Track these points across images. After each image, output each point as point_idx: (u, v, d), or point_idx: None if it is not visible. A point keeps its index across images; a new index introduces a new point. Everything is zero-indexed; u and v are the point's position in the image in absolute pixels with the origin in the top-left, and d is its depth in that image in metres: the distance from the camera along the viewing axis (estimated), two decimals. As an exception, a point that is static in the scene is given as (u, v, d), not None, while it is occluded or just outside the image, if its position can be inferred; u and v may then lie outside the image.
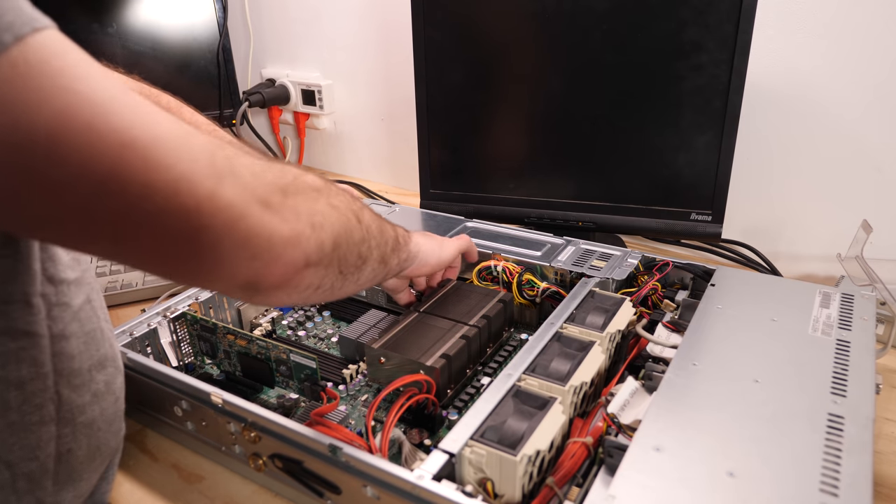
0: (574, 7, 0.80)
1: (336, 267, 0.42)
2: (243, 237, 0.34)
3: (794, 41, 0.84)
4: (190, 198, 0.32)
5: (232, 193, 0.33)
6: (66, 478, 0.46)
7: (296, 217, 0.37)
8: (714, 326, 0.58)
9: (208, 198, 0.32)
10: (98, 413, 0.48)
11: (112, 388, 0.50)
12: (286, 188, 0.38)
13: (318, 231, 0.39)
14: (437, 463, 0.44)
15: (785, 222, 0.94)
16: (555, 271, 0.72)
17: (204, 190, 0.32)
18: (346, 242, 0.43)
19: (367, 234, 0.46)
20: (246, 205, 0.34)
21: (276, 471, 0.52)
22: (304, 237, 0.38)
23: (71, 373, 0.45)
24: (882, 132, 0.83)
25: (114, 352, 0.51)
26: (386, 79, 1.25)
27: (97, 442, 0.49)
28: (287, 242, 0.37)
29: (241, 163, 0.35)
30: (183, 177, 0.32)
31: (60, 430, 0.45)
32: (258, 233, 0.35)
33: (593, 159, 0.86)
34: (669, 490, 0.40)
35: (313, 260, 0.39)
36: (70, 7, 1.09)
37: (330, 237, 0.40)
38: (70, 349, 0.45)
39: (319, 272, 0.41)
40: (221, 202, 0.33)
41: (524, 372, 0.53)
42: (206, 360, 0.68)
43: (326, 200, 0.42)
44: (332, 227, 0.41)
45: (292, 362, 0.61)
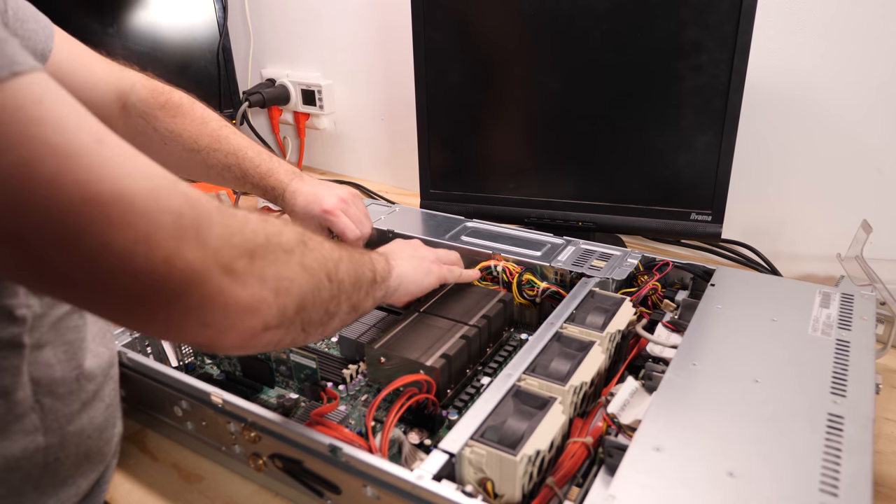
0: (574, 7, 0.80)
1: (299, 326, 0.41)
2: (197, 304, 0.33)
3: (794, 41, 0.84)
4: (146, 260, 0.31)
5: (192, 258, 0.32)
6: (50, 484, 0.46)
7: (259, 284, 0.36)
8: (714, 326, 0.58)
9: (164, 261, 0.31)
10: (87, 421, 0.48)
11: (101, 395, 0.50)
12: (254, 252, 0.36)
13: (282, 297, 0.38)
14: (437, 463, 0.44)
15: (785, 222, 0.94)
16: (555, 271, 0.72)
17: (162, 252, 0.31)
18: (312, 303, 0.41)
19: (337, 291, 0.45)
20: (204, 271, 0.33)
21: (276, 471, 0.52)
22: (265, 304, 0.37)
23: (53, 382, 0.45)
24: (882, 132, 0.83)
25: (105, 360, 0.51)
26: (386, 79, 1.25)
27: (86, 450, 0.48)
28: (245, 310, 0.35)
29: (211, 223, 0.34)
30: (142, 238, 0.31)
31: (48, 441, 0.44)
32: (213, 301, 0.34)
33: (593, 159, 0.86)
34: (669, 490, 0.40)
35: (272, 325, 0.38)
36: (70, 7, 1.09)
37: (295, 301, 0.39)
38: (46, 358, 0.44)
39: (279, 333, 0.39)
40: (178, 266, 0.32)
41: (524, 372, 0.53)
42: (206, 360, 0.68)
43: (299, 261, 0.40)
44: (299, 290, 0.39)
45: (292, 362, 0.61)
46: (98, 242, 0.30)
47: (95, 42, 1.11)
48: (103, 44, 1.11)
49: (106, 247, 0.30)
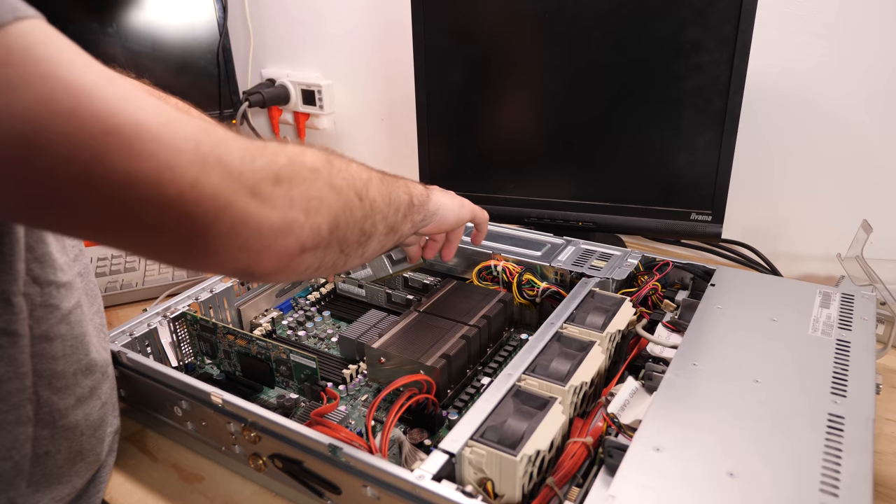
0: (574, 7, 0.80)
1: (336, 247, 0.41)
2: (229, 227, 0.33)
3: (795, 41, 0.84)
4: (173, 186, 0.31)
5: (217, 182, 0.33)
6: (42, 479, 0.46)
7: (288, 204, 0.36)
8: (714, 326, 0.58)
9: (191, 187, 0.32)
10: (81, 417, 0.48)
11: (98, 393, 0.50)
12: (278, 174, 0.36)
13: (313, 216, 0.38)
14: (437, 463, 0.44)
15: (785, 222, 0.94)
16: (555, 271, 0.72)
17: (187, 179, 0.32)
18: (345, 223, 0.41)
19: (370, 210, 0.45)
20: (232, 194, 0.33)
21: (276, 471, 0.52)
22: (297, 225, 0.37)
23: (53, 375, 0.45)
24: (882, 132, 0.83)
25: (103, 357, 0.51)
26: (386, 79, 1.25)
27: (79, 447, 0.48)
28: (278, 231, 0.36)
29: (231, 148, 0.34)
30: (166, 165, 0.31)
31: (38, 432, 0.44)
32: (245, 223, 0.34)
33: (593, 159, 0.86)
34: (669, 490, 0.40)
35: (309, 245, 0.38)
36: (70, 7, 1.09)
37: (327, 220, 0.39)
38: (53, 351, 0.44)
39: (318, 255, 0.39)
40: (205, 191, 0.32)
41: (524, 372, 0.53)
42: (206, 360, 0.68)
43: (326, 181, 0.40)
44: (329, 209, 0.39)
45: (292, 362, 0.61)
46: (124, 173, 0.30)
47: (95, 42, 1.12)
48: (103, 44, 1.11)
49: (132, 177, 0.30)
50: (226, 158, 0.34)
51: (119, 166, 0.30)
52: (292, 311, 0.79)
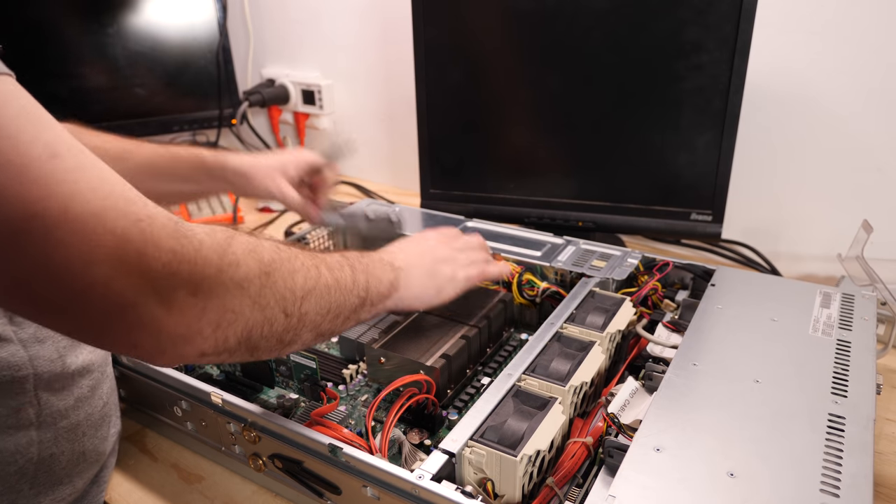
0: (574, 7, 0.80)
1: (245, 351, 0.40)
2: (128, 326, 0.33)
3: (794, 41, 0.84)
4: (82, 279, 0.31)
5: (127, 283, 0.32)
6: (46, 481, 0.46)
7: (198, 316, 0.35)
8: (714, 326, 0.58)
9: (102, 283, 0.31)
10: (83, 418, 0.48)
11: (98, 393, 0.50)
12: (199, 285, 0.35)
13: (222, 329, 0.37)
14: (437, 463, 0.44)
15: (785, 222, 0.94)
16: (555, 271, 0.72)
17: (99, 275, 0.31)
18: (259, 335, 0.40)
19: (297, 324, 0.43)
20: (139, 296, 0.33)
21: (276, 471, 0.52)
22: (200, 337, 0.36)
23: (52, 377, 0.45)
24: (882, 132, 0.83)
25: (100, 357, 0.51)
26: (386, 79, 1.25)
27: (82, 447, 0.48)
28: (178, 339, 0.35)
29: (158, 250, 0.33)
30: (81, 259, 0.30)
31: (42, 435, 0.45)
32: (146, 327, 0.33)
33: (593, 159, 0.86)
34: (669, 490, 0.40)
35: (209, 352, 0.37)
36: (71, 7, 1.09)
37: (237, 334, 0.38)
38: (47, 352, 0.44)
39: (222, 357, 0.39)
40: (114, 289, 0.32)
41: (524, 372, 0.53)
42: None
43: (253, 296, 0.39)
44: (244, 323, 0.38)
45: (292, 362, 0.61)
46: (40, 257, 0.30)
47: (95, 42, 1.12)
48: (103, 44, 1.11)
49: (47, 262, 0.30)
50: (148, 260, 0.33)
51: (35, 252, 0.30)
52: (292, 311, 0.78)
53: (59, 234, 0.30)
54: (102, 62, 1.12)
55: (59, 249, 0.30)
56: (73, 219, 0.30)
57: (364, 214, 0.82)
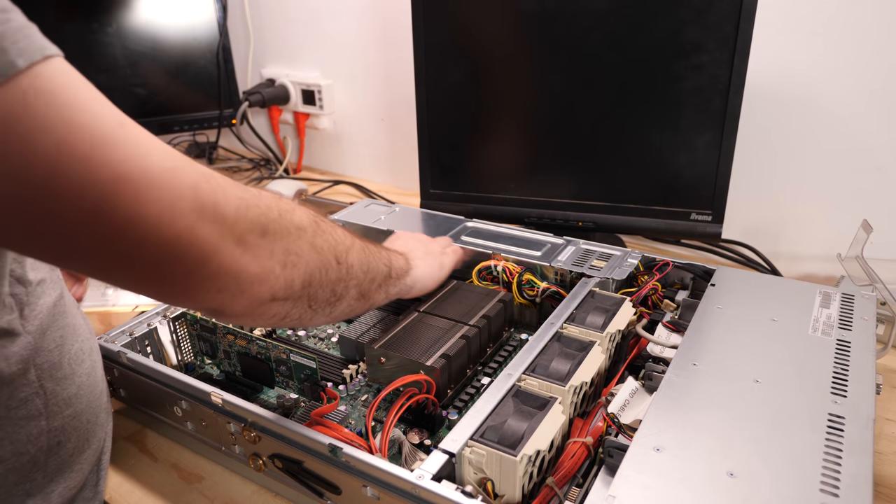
0: (574, 7, 0.80)
1: (305, 302, 0.44)
2: (213, 272, 0.36)
3: (794, 40, 0.84)
4: (171, 230, 0.33)
5: (210, 229, 0.35)
6: (56, 469, 0.47)
7: (268, 255, 0.39)
8: (714, 326, 0.58)
9: (187, 231, 0.34)
10: (85, 405, 0.49)
11: (94, 380, 0.51)
12: (267, 226, 0.39)
13: (289, 270, 0.41)
14: (437, 463, 0.44)
15: (785, 222, 0.94)
16: (555, 271, 0.72)
17: (184, 224, 0.34)
18: (319, 281, 0.44)
19: (346, 275, 0.47)
20: (221, 241, 0.36)
21: (276, 471, 0.52)
22: (272, 275, 0.39)
23: (52, 366, 0.46)
24: (882, 132, 0.83)
25: (90, 345, 0.52)
26: (386, 79, 1.25)
27: (86, 434, 0.50)
28: (254, 279, 0.38)
29: (228, 197, 0.37)
30: (167, 210, 0.33)
31: (50, 424, 0.46)
32: (228, 269, 0.36)
33: (593, 159, 0.86)
34: (669, 490, 0.40)
35: (280, 296, 0.41)
36: (70, 7, 1.09)
37: (301, 276, 0.42)
38: (47, 343, 0.46)
39: (286, 306, 0.42)
40: (198, 237, 0.34)
41: (524, 372, 0.53)
42: (206, 360, 0.68)
43: (309, 240, 0.43)
44: (306, 266, 0.42)
45: (292, 362, 0.61)
46: (128, 216, 0.32)
47: (95, 42, 1.12)
48: (103, 44, 1.11)
49: (135, 220, 0.32)
50: (222, 206, 0.36)
51: (124, 210, 0.32)
52: (292, 311, 0.78)
53: (144, 191, 0.32)
54: (102, 62, 1.12)
55: (147, 205, 0.32)
56: (154, 176, 0.33)
57: None
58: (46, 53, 0.30)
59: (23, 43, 0.29)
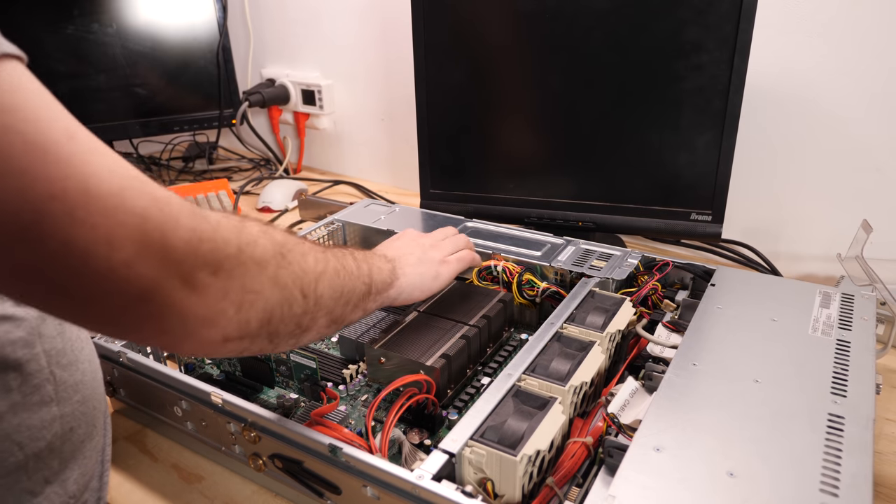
0: (574, 7, 0.80)
1: (265, 338, 0.40)
2: (154, 311, 0.33)
3: (794, 41, 0.84)
4: (106, 261, 0.30)
5: (152, 265, 0.32)
6: (70, 455, 0.47)
7: (221, 297, 0.35)
8: (714, 326, 0.58)
9: (125, 265, 0.31)
10: (90, 392, 0.49)
11: (94, 366, 0.51)
12: (220, 264, 0.35)
13: (244, 311, 0.37)
14: (437, 463, 0.44)
15: (785, 222, 0.94)
16: (555, 271, 0.72)
17: (123, 256, 0.30)
18: (280, 318, 0.40)
19: (313, 306, 0.43)
20: (164, 279, 0.32)
21: (276, 471, 0.52)
22: (224, 317, 0.36)
23: (57, 352, 0.46)
24: (882, 132, 0.83)
25: (86, 333, 0.52)
26: (386, 79, 1.25)
27: (93, 420, 0.50)
28: (202, 322, 0.35)
29: (177, 228, 0.33)
30: (105, 239, 0.30)
31: (62, 410, 0.46)
32: (171, 310, 0.33)
33: (593, 159, 0.86)
34: (669, 490, 0.40)
35: (233, 336, 0.37)
36: (70, 7, 1.09)
37: (259, 315, 0.38)
38: (49, 330, 0.46)
39: (243, 343, 0.39)
40: (137, 272, 0.31)
41: (524, 372, 0.53)
42: (206, 361, 0.68)
43: (270, 275, 0.39)
44: (265, 303, 0.38)
45: (292, 362, 0.61)
46: (61, 240, 0.29)
47: (95, 42, 1.12)
48: (103, 44, 1.11)
49: (68, 245, 0.29)
50: (170, 239, 0.32)
51: (57, 234, 0.29)
52: (292, 311, 0.79)
53: (81, 214, 0.29)
54: (102, 62, 1.12)
55: (82, 230, 0.29)
56: (94, 197, 0.30)
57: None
58: (3, 50, 0.28)
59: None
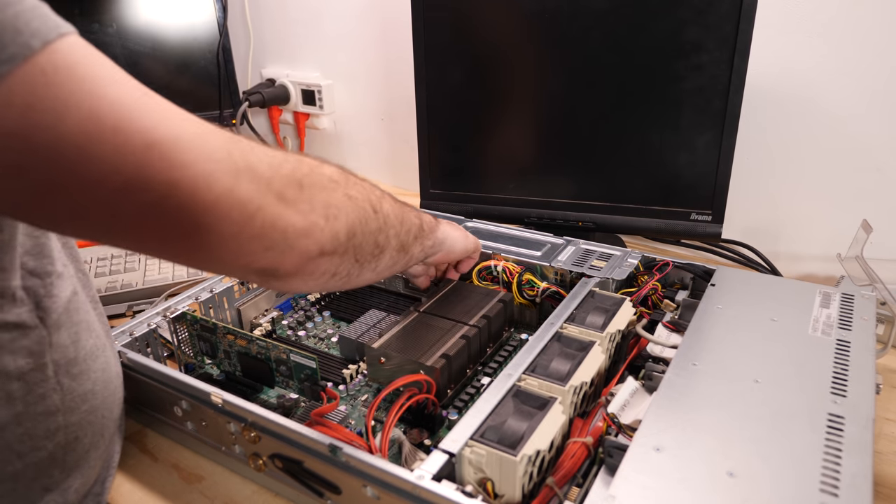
0: (574, 7, 0.80)
1: (352, 255, 0.43)
2: (259, 229, 0.36)
3: (794, 41, 0.84)
4: (210, 193, 0.33)
5: (248, 188, 0.35)
6: (73, 465, 0.47)
7: (310, 209, 0.39)
8: (714, 326, 0.58)
9: (227, 192, 0.34)
10: (100, 402, 0.49)
11: (109, 375, 0.51)
12: (302, 180, 0.39)
13: (332, 222, 0.40)
14: (437, 463, 0.44)
15: (785, 222, 0.94)
16: (555, 271, 0.72)
17: (222, 185, 0.34)
18: (361, 232, 0.44)
19: (384, 224, 0.47)
20: (262, 198, 0.36)
21: (276, 471, 0.52)
22: (318, 228, 0.39)
23: (68, 362, 0.46)
24: (882, 132, 0.83)
25: (104, 342, 0.52)
26: (386, 79, 1.25)
27: (101, 429, 0.50)
28: (301, 233, 0.38)
29: (258, 156, 0.37)
30: (203, 173, 0.33)
31: (67, 420, 0.46)
32: (273, 225, 0.36)
33: (593, 159, 0.86)
34: (669, 490, 0.40)
35: (328, 249, 0.40)
36: (70, 7, 1.09)
37: (344, 227, 0.42)
38: (62, 339, 0.45)
39: (335, 260, 0.42)
40: (239, 197, 0.34)
41: (524, 372, 0.53)
42: (206, 360, 0.68)
43: (343, 191, 0.43)
44: (347, 217, 0.42)
45: (292, 362, 0.61)
46: (165, 182, 0.32)
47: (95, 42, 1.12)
48: (103, 44, 1.11)
49: (173, 185, 0.32)
50: (255, 165, 0.36)
51: (160, 176, 0.32)
52: (292, 311, 0.79)
53: (178, 156, 0.32)
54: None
55: (182, 169, 0.32)
56: (184, 141, 0.33)
57: None
58: (61, 31, 0.30)
59: (36, 23, 0.30)
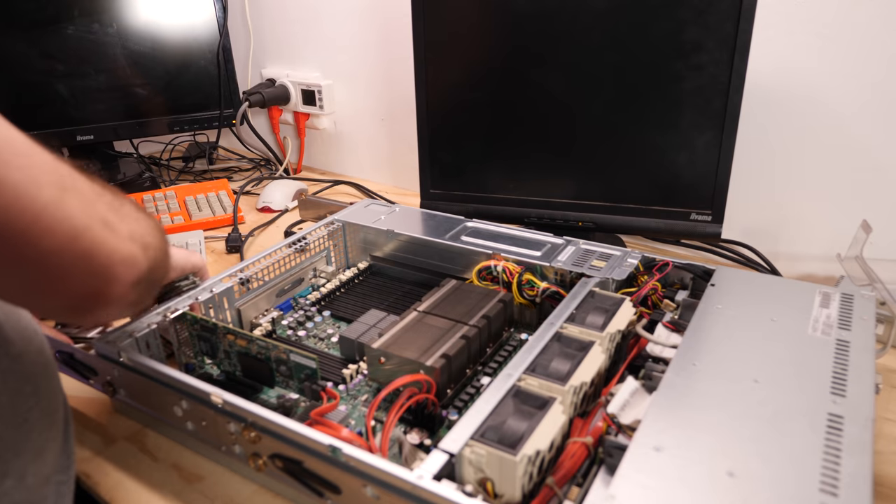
0: (574, 7, 0.80)
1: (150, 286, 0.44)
2: (85, 252, 0.34)
3: (794, 41, 0.84)
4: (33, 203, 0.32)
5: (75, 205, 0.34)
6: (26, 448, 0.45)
7: (129, 238, 0.39)
8: (714, 326, 0.58)
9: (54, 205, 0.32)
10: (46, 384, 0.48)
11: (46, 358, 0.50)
12: (120, 209, 0.39)
13: (147, 252, 0.41)
14: (437, 463, 0.44)
15: (785, 222, 0.94)
16: (555, 271, 0.72)
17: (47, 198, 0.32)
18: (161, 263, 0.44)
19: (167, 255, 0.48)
20: (88, 219, 0.35)
21: (276, 471, 0.52)
22: (138, 258, 0.39)
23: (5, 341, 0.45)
24: (882, 132, 0.83)
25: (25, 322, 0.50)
26: (386, 79, 1.25)
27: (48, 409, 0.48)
28: (123, 262, 0.37)
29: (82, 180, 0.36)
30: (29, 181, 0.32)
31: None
32: (99, 250, 0.35)
33: (593, 159, 0.86)
34: (669, 490, 0.40)
35: (143, 279, 0.40)
36: (70, 7, 1.09)
37: (153, 258, 0.42)
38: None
39: (140, 289, 0.41)
40: (66, 212, 0.33)
41: (524, 372, 0.53)
42: (206, 360, 0.68)
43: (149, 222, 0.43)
44: (155, 248, 0.42)
45: (292, 362, 0.61)
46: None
47: (95, 42, 1.12)
48: (103, 44, 1.11)
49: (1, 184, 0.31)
50: (81, 186, 0.35)
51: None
52: (292, 311, 0.79)
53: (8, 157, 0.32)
54: (102, 62, 1.12)
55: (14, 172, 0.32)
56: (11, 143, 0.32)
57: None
58: None
59: None
